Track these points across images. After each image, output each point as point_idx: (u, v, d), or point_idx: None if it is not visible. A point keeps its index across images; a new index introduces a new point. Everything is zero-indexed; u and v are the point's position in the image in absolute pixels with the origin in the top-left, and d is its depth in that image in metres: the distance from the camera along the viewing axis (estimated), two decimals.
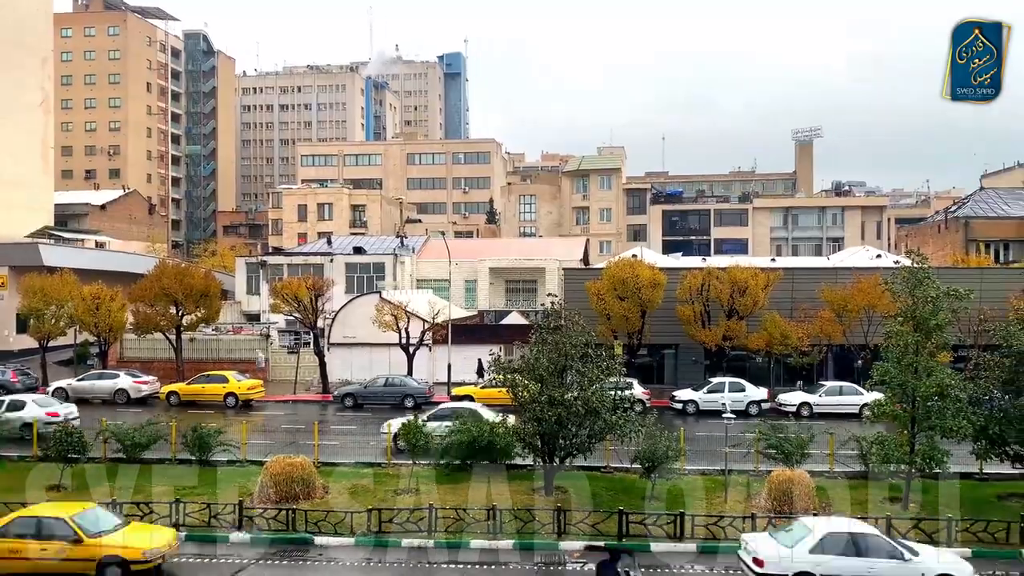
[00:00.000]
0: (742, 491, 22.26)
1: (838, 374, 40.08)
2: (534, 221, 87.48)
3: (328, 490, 22.29)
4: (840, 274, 41.58)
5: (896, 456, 20.63)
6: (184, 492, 21.66)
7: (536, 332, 22.58)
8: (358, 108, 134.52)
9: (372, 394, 38.25)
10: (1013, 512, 20.07)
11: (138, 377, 39.81)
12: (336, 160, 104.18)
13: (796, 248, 79.65)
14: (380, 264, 56.20)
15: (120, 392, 38.53)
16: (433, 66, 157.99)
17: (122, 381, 38.98)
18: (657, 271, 39.12)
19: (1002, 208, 55.93)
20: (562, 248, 63.73)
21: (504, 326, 47.57)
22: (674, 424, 31.25)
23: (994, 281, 38.87)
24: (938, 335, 20.91)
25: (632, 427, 21.54)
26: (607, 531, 19.20)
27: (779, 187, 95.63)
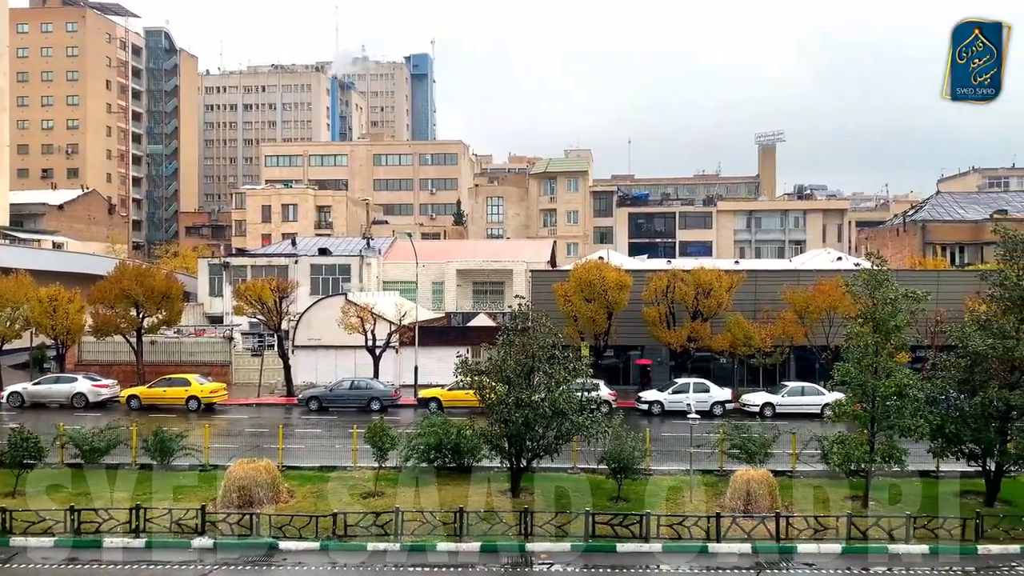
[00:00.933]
0: (707, 491, 22.49)
1: (800, 374, 40.70)
2: (501, 223, 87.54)
3: (293, 494, 22.07)
4: (802, 276, 42.22)
5: (857, 455, 21.01)
6: (145, 498, 21.27)
7: (503, 334, 22.59)
8: (323, 108, 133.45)
9: (337, 397, 37.94)
10: (969, 509, 20.57)
11: (97, 381, 39.01)
12: (301, 161, 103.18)
13: (759, 250, 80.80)
14: (346, 266, 55.79)
15: (78, 396, 37.71)
16: (400, 67, 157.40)
17: (80, 385, 38.16)
18: (623, 273, 39.38)
19: (958, 212, 57.31)
20: (529, 250, 63.84)
21: (471, 328, 47.50)
22: (640, 425, 31.48)
23: (950, 283, 39.79)
24: (897, 336, 21.36)
25: (598, 428, 21.65)
26: (574, 532, 19.27)
27: (742, 190, 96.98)
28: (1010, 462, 21.02)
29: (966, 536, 19.26)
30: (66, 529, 19.29)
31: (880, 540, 19.07)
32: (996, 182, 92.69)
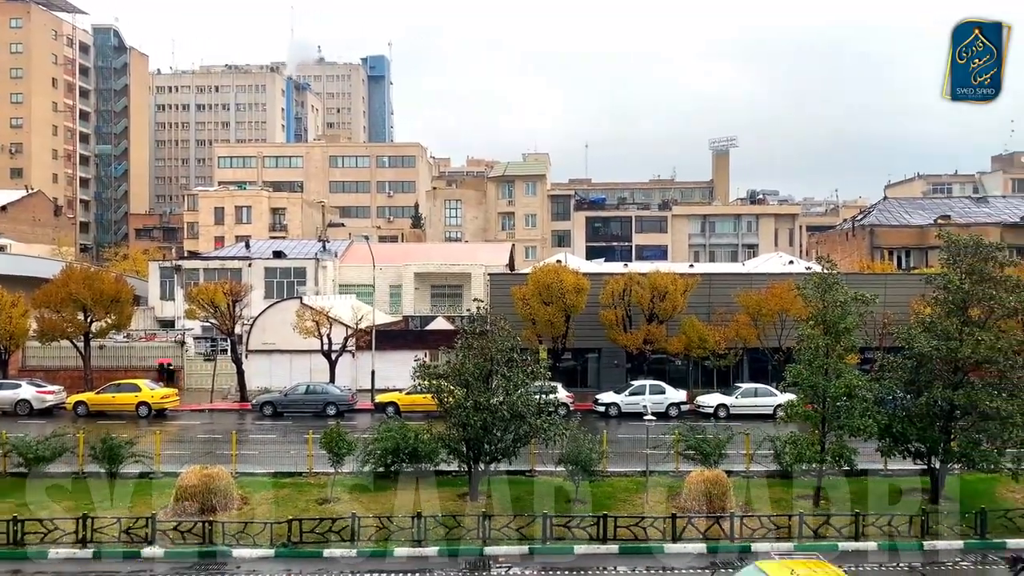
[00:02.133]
0: (663, 492, 22.74)
1: (753, 376, 41.40)
2: (460, 226, 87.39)
3: (247, 501, 21.71)
4: (755, 279, 42.99)
5: (808, 455, 21.46)
6: (93, 507, 20.71)
7: (462, 337, 22.56)
8: (278, 109, 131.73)
9: (292, 402, 37.47)
10: (915, 506, 21.16)
11: (42, 387, 37.92)
12: (255, 162, 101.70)
13: (713, 254, 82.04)
14: (301, 269, 55.16)
15: (22, 403, 36.59)
16: (356, 68, 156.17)
17: (24, 391, 37.03)
18: (581, 276, 39.64)
19: (904, 217, 58.94)
20: (488, 253, 63.85)
21: (429, 331, 47.31)
22: (597, 427, 31.69)
23: (897, 286, 40.87)
24: (846, 338, 21.88)
25: (556, 431, 21.74)
26: (531, 535, 19.32)
27: (697, 195, 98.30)
28: (953, 460, 21.67)
29: (913, 533, 19.81)
30: (8, 541, 18.67)
31: (831, 538, 19.51)
32: (940, 188, 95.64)
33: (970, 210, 59.99)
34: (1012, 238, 49.55)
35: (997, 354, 20.87)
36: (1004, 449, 21.04)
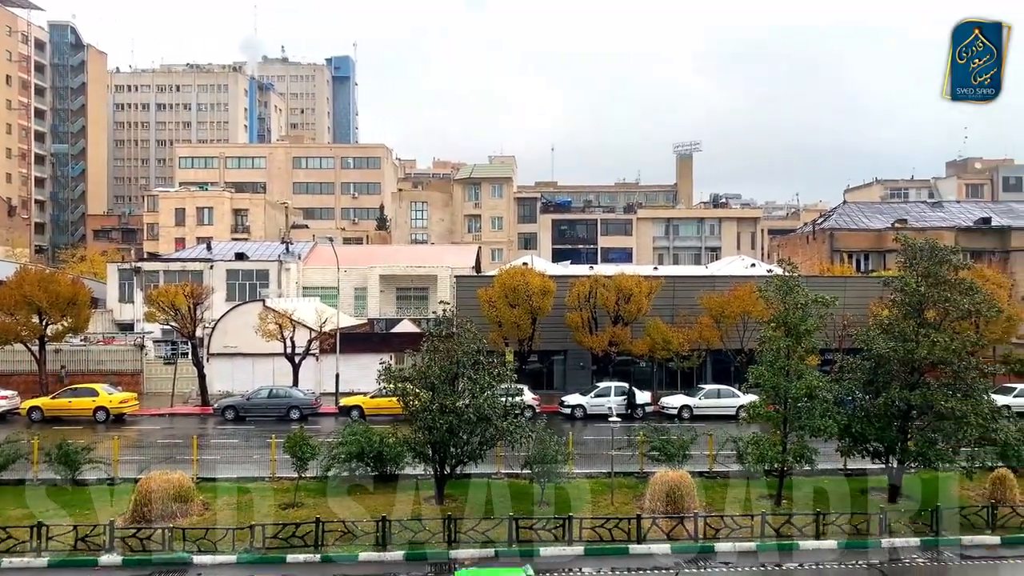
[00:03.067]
0: (628, 493, 22.91)
1: (716, 377, 41.90)
2: (426, 228, 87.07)
3: (208, 506, 21.38)
4: (718, 282, 43.51)
5: (770, 455, 21.77)
6: (48, 514, 20.22)
7: (428, 340, 22.48)
8: (241, 109, 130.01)
9: (255, 406, 36.99)
10: (874, 505, 21.59)
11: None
12: (217, 162, 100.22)
13: (677, 257, 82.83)
14: (264, 271, 54.51)
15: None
16: (321, 68, 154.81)
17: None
18: (547, 279, 39.76)
19: (862, 221, 60.11)
20: (454, 255, 63.73)
21: (395, 334, 47.07)
22: (563, 428, 31.79)
23: (856, 289, 41.68)
24: (807, 339, 22.23)
25: (522, 433, 21.76)
26: (498, 538, 19.30)
27: (661, 198, 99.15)
28: (910, 459, 22.13)
29: (871, 531, 20.20)
30: None
31: (793, 537, 19.80)
32: (897, 193, 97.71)
33: (926, 214, 61.41)
34: (966, 242, 50.81)
35: (951, 355, 21.37)
36: (958, 448, 21.56)
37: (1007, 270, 49.50)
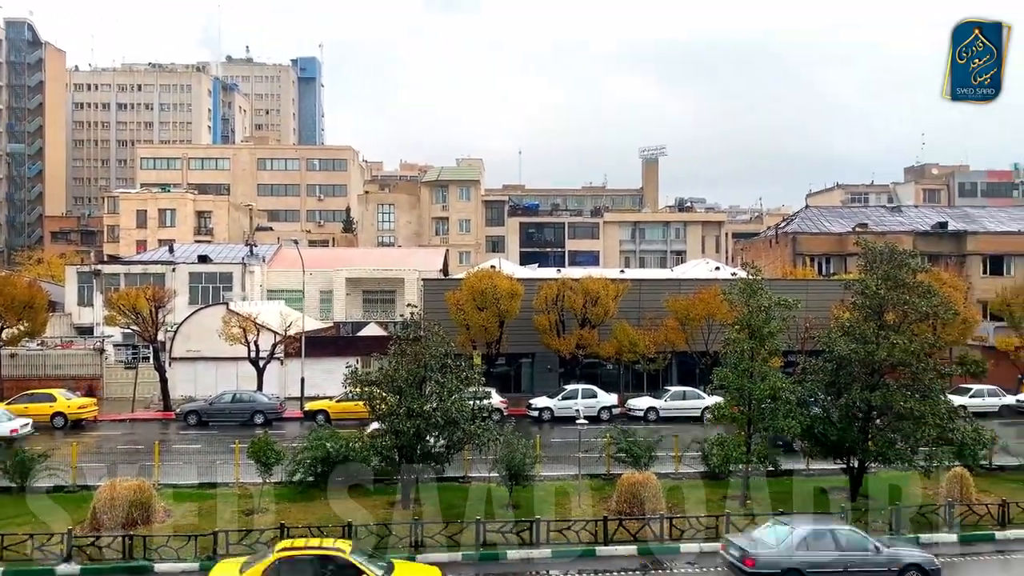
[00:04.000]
0: (596, 495, 23.00)
1: (682, 379, 42.27)
2: (392, 230, 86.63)
3: (170, 513, 21.00)
4: (683, 285, 43.92)
5: (735, 456, 22.02)
6: (3, 523, 19.69)
7: (395, 343, 22.35)
8: (205, 110, 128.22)
9: (218, 411, 36.47)
10: (836, 505, 21.93)
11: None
12: (180, 164, 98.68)
13: (643, 260, 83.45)
14: (227, 274, 53.78)
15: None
16: (286, 69, 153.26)
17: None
18: (515, 282, 39.81)
19: (824, 225, 61.16)
20: (421, 258, 63.50)
21: (361, 337, 46.72)
22: (530, 431, 31.80)
23: (818, 292, 42.33)
24: (770, 342, 22.56)
25: (490, 436, 21.74)
26: (465, 541, 19.24)
27: (627, 202, 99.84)
28: (871, 459, 22.55)
29: None
30: None
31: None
32: (857, 197, 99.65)
33: (885, 219, 62.67)
34: (924, 246, 51.92)
35: (910, 357, 21.82)
36: (917, 448, 22.00)
37: (963, 273, 50.74)
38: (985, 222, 60.97)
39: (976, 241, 55.43)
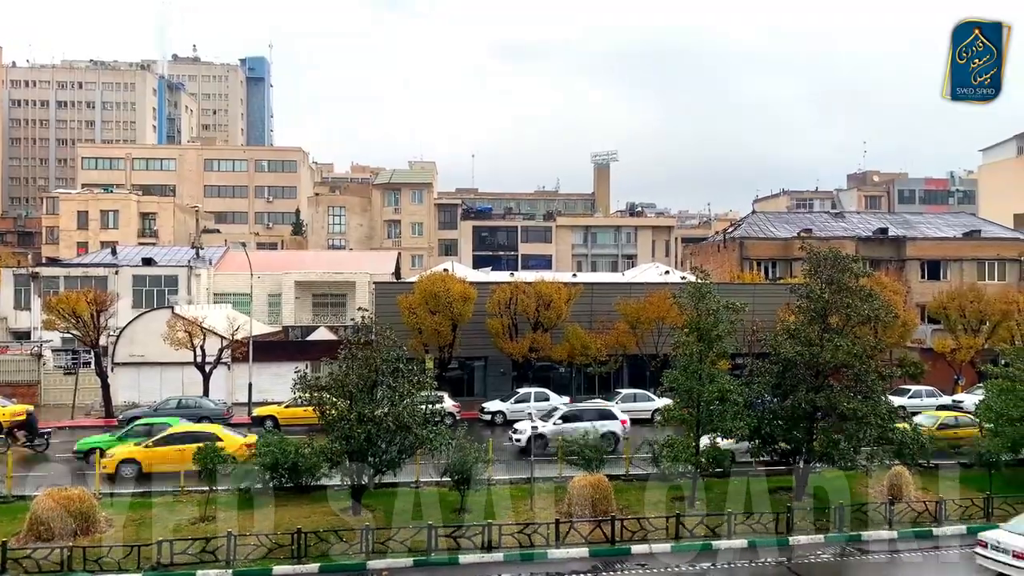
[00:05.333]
0: (548, 498, 23.08)
1: (633, 382, 42.67)
2: (343, 233, 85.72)
3: (112, 523, 20.41)
4: (634, 289, 44.38)
5: (684, 457, 22.34)
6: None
7: (345, 348, 22.11)
8: (149, 109, 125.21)
9: (163, 417, 35.50)
10: (782, 504, 22.38)
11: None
12: (124, 164, 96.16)
13: (595, 264, 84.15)
14: (173, 277, 52.61)
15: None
16: (234, 69, 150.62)
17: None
18: (468, 285, 39.74)
19: (770, 230, 62.44)
20: (373, 261, 62.94)
21: (311, 342, 46.11)
22: (483, 435, 31.77)
23: (765, 296, 43.15)
24: (719, 344, 22.95)
25: (442, 441, 21.66)
26: (416, 547, 19.12)
27: (580, 207, 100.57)
28: (815, 459, 23.09)
29: (779, 529, 20.96)
30: None
31: (706, 537, 20.35)
32: (802, 203, 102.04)
33: (829, 224, 64.25)
34: (866, 251, 53.38)
35: (853, 359, 22.43)
36: (859, 447, 22.63)
37: (902, 278, 52.32)
38: (923, 228, 62.99)
39: (914, 247, 57.21)
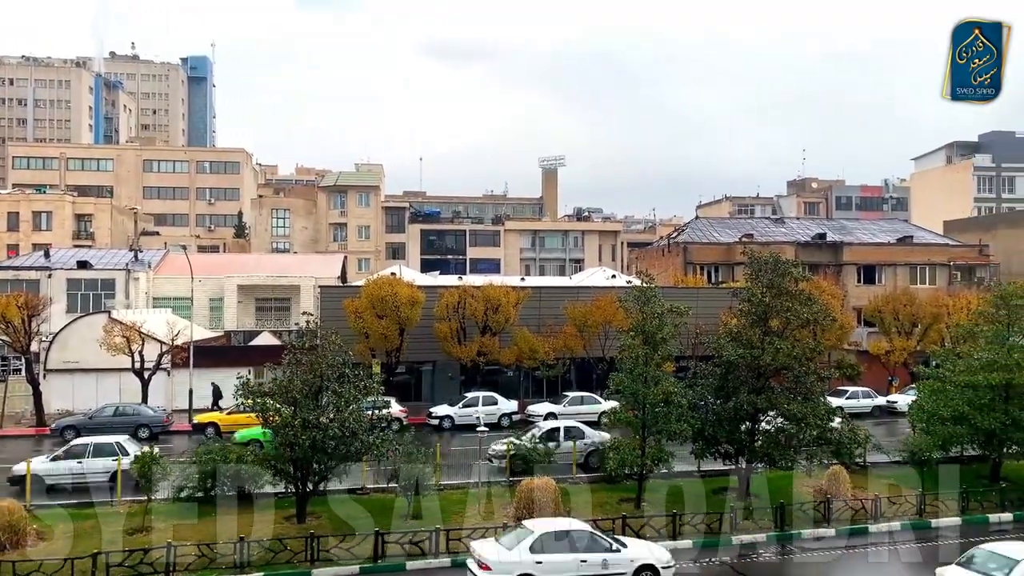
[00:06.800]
0: (496, 502, 23.08)
1: (580, 385, 42.95)
2: (288, 236, 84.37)
3: (44, 536, 19.70)
4: (581, 292, 44.69)
5: (630, 459, 22.58)
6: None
7: (290, 353, 21.77)
8: (86, 107, 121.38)
9: (99, 425, 34.43)
10: (726, 504, 22.82)
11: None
12: (58, 163, 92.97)
13: (543, 268, 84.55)
14: (110, 280, 51.03)
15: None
16: (175, 68, 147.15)
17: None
18: (415, 289, 39.48)
19: (713, 235, 63.64)
20: (318, 265, 62.07)
21: (254, 347, 45.22)
22: (431, 440, 31.58)
23: (708, 299, 43.93)
24: (663, 347, 23.30)
25: (389, 446, 21.49)
26: (362, 554, 18.90)
27: (528, 211, 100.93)
28: (757, 459, 23.59)
29: (724, 529, 21.33)
30: None
31: (651, 538, 20.57)
32: (744, 209, 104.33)
33: (770, 230, 65.82)
34: (805, 256, 54.72)
35: (793, 361, 23.02)
36: (800, 448, 23.20)
37: (839, 282, 53.88)
38: (859, 234, 64.98)
39: (851, 252, 58.95)
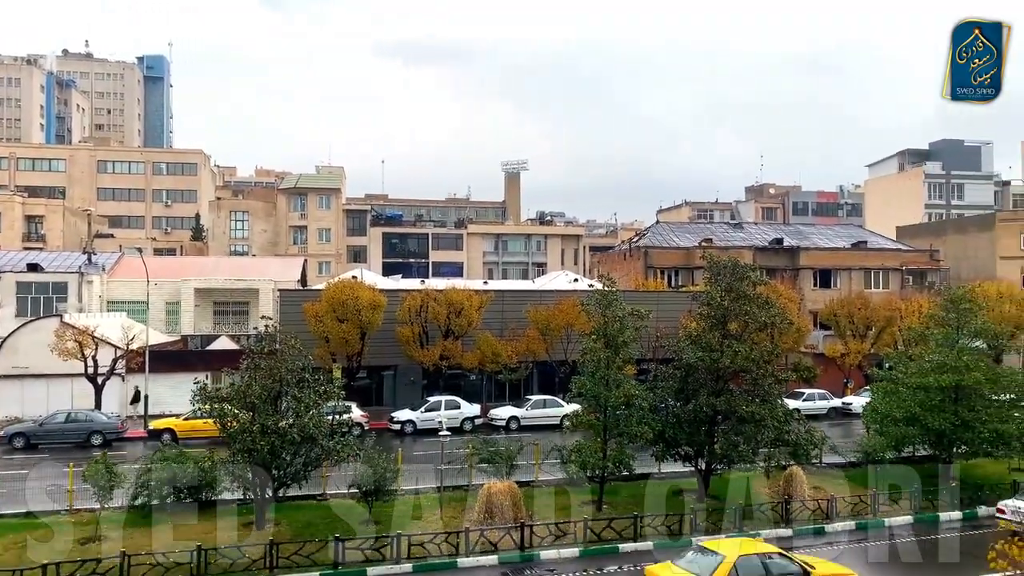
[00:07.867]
0: (458, 506, 23.00)
1: (542, 388, 43.10)
2: (247, 239, 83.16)
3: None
4: (544, 296, 44.86)
5: (592, 462, 22.70)
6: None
7: (248, 357, 21.45)
8: (37, 106, 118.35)
9: (50, 432, 33.63)
10: (686, 505, 23.05)
11: None
12: (7, 163, 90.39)
13: (506, 272, 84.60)
14: (62, 283, 49.79)
15: None
16: (131, 67, 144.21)
17: None
18: (377, 293, 39.24)
19: (673, 239, 64.34)
20: (278, 268, 61.30)
21: (212, 352, 44.49)
22: (392, 445, 31.40)
23: (668, 303, 44.45)
24: (625, 350, 23.49)
25: (349, 452, 21.31)
26: (322, 560, 18.70)
27: (491, 215, 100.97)
28: (717, 460, 23.89)
29: (684, 530, 21.54)
30: None
31: (613, 540, 20.71)
32: (704, 213, 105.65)
33: (729, 234, 66.74)
34: (763, 260, 55.63)
35: (751, 364, 23.36)
36: (758, 449, 23.55)
37: (796, 286, 54.87)
38: (815, 239, 66.24)
39: (807, 256, 60.06)
